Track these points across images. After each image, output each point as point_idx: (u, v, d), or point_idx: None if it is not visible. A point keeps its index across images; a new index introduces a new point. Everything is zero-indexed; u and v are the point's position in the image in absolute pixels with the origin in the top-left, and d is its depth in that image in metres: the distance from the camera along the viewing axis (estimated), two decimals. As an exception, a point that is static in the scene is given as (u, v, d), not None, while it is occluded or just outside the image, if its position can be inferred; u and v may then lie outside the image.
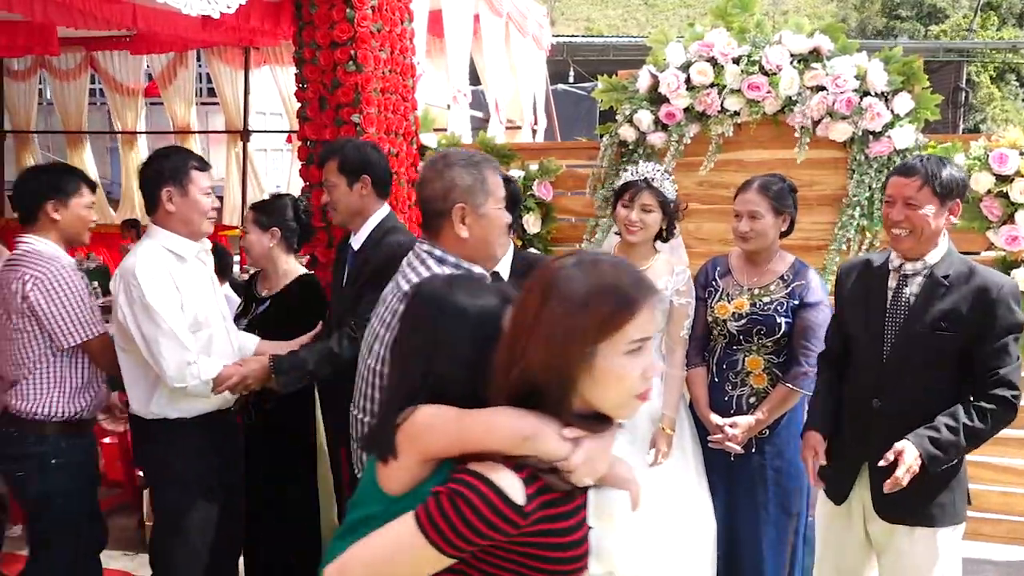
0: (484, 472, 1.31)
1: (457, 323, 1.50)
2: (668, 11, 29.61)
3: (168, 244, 2.64)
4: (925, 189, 2.28)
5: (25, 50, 6.02)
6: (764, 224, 2.79)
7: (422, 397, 1.47)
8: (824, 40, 3.52)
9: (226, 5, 2.98)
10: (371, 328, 2.13)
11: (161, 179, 2.64)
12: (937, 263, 2.32)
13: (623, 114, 3.78)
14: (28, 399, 2.71)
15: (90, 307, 2.75)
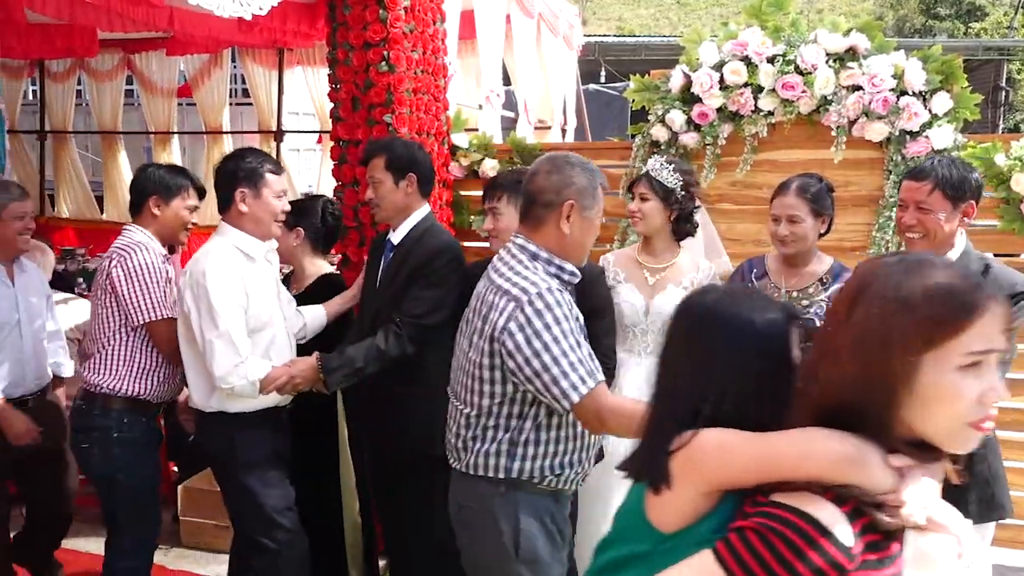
0: (801, 506, 1.12)
1: (742, 338, 1.34)
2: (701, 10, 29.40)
3: (238, 243, 2.73)
4: (936, 193, 2.31)
5: (65, 52, 6.11)
6: (804, 228, 2.75)
7: (701, 420, 1.31)
8: (861, 39, 3.47)
9: (258, 7, 3.00)
10: (468, 321, 2.20)
11: (236, 180, 2.73)
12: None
13: (655, 114, 3.76)
14: (98, 372, 2.85)
15: (164, 292, 2.86)
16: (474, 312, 2.18)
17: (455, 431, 2.21)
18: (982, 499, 2.36)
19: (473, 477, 2.15)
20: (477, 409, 2.13)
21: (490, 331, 2.06)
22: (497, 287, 2.10)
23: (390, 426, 2.87)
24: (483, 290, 2.18)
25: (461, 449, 2.17)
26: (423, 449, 2.88)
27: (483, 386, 2.11)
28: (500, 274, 2.13)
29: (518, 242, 2.16)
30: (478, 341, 2.11)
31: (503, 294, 2.07)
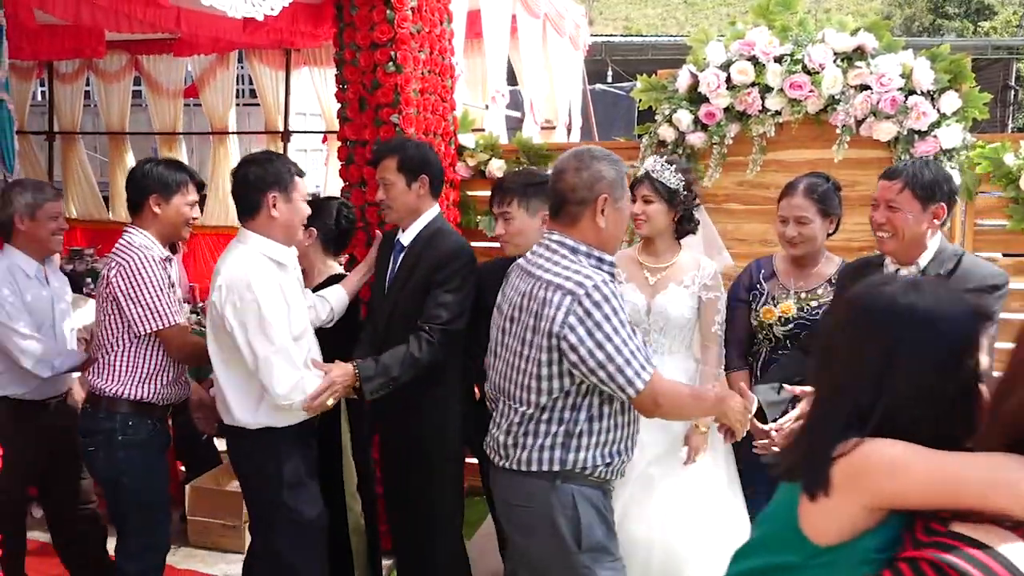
0: (988, 541, 1.02)
1: (925, 336, 1.20)
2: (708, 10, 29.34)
3: (267, 251, 2.61)
4: (906, 192, 2.35)
5: (73, 53, 6.14)
6: (812, 228, 2.75)
7: (871, 427, 1.20)
8: (868, 38, 3.46)
9: (270, 7, 3.00)
10: (514, 320, 2.20)
11: (266, 184, 2.61)
12: (928, 265, 2.40)
13: (662, 114, 3.76)
14: (102, 376, 2.81)
15: (168, 298, 2.79)
16: (521, 310, 2.17)
17: (505, 429, 2.20)
18: None
19: (525, 474, 2.15)
20: (534, 407, 2.13)
21: (547, 327, 2.06)
22: (547, 282, 2.11)
23: (409, 427, 2.88)
24: (527, 288, 2.17)
25: (511, 446, 2.17)
26: (441, 448, 2.89)
27: (542, 383, 2.11)
28: (544, 270, 2.15)
29: (554, 238, 2.18)
30: (533, 338, 2.11)
31: (555, 288, 2.08)
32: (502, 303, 2.31)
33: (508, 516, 2.24)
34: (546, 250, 2.19)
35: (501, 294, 2.34)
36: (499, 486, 2.26)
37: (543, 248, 2.21)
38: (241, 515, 3.88)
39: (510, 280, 2.32)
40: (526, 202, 2.75)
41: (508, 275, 2.36)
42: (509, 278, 2.34)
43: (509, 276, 2.35)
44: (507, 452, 2.19)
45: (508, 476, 2.20)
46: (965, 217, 3.51)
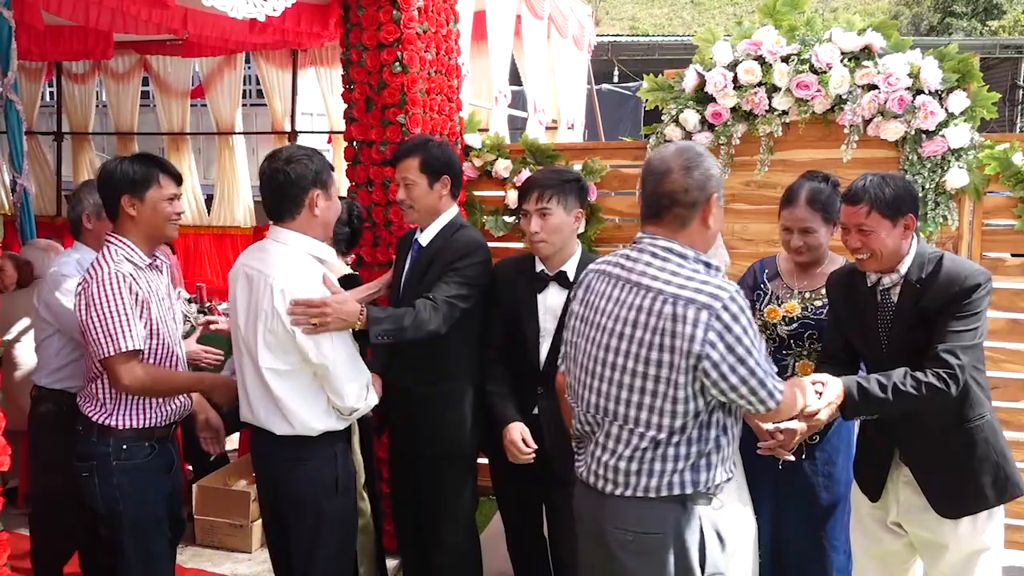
0: None
1: None
2: (715, 9, 29.29)
3: (311, 250, 2.54)
4: (873, 214, 2.36)
5: (82, 54, 6.17)
6: (817, 237, 2.74)
7: None
8: (876, 37, 3.45)
9: (272, 8, 3.01)
10: (604, 327, 2.04)
11: (307, 182, 2.49)
12: (909, 269, 2.42)
13: (669, 114, 3.75)
14: (89, 403, 2.61)
15: (124, 319, 2.47)
16: (635, 326, 1.97)
17: (625, 456, 2.01)
18: (996, 481, 2.39)
19: (652, 500, 2.00)
20: (667, 430, 1.97)
21: (684, 346, 1.90)
22: (672, 296, 1.93)
23: (421, 427, 2.88)
24: (637, 301, 1.98)
25: (635, 473, 2.00)
26: (451, 447, 2.88)
27: (678, 406, 1.94)
28: (657, 279, 1.97)
29: (660, 243, 2.01)
30: (661, 357, 1.93)
31: (687, 303, 1.91)
32: (589, 313, 2.10)
33: (621, 543, 2.03)
34: (651, 256, 2.01)
35: (582, 303, 2.14)
36: (609, 513, 2.05)
37: (645, 254, 2.03)
38: (248, 514, 3.89)
39: (593, 287, 2.12)
40: (564, 199, 2.73)
41: (584, 282, 2.18)
42: (588, 285, 2.15)
43: (586, 283, 2.16)
44: (628, 480, 2.01)
45: (627, 503, 2.02)
46: (973, 217, 3.50)
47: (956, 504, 2.41)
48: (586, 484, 2.11)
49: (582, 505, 2.16)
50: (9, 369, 3.86)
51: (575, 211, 2.75)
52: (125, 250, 2.57)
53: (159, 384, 2.57)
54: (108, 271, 2.50)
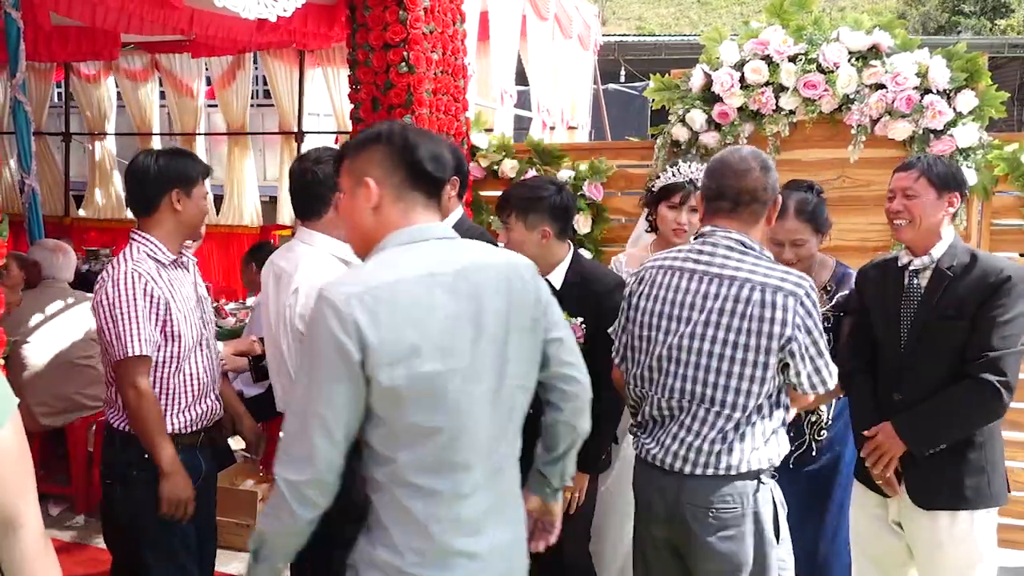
0: None
1: None
2: (721, 9, 29.23)
3: (335, 251, 2.52)
4: (922, 179, 2.41)
5: (90, 55, 6.20)
6: (809, 248, 2.74)
7: None
8: (884, 37, 3.44)
9: (283, 8, 3.01)
10: (687, 317, 2.15)
11: (334, 183, 2.35)
12: (942, 256, 2.43)
13: (676, 114, 3.74)
14: (112, 410, 2.52)
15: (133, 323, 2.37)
16: (722, 313, 2.10)
17: (710, 437, 2.12)
18: (978, 486, 2.39)
19: (732, 477, 2.12)
20: (748, 409, 2.11)
21: (776, 329, 2.05)
22: (759, 284, 2.08)
23: None
24: (720, 290, 2.11)
25: (719, 453, 2.12)
26: None
27: (762, 386, 2.09)
28: (739, 270, 2.11)
29: (733, 236, 2.15)
30: (749, 340, 2.07)
31: (775, 290, 2.06)
32: (664, 307, 2.19)
33: (703, 521, 2.13)
34: (728, 249, 2.15)
35: (651, 299, 2.23)
36: (689, 493, 2.14)
37: (720, 248, 2.16)
38: (255, 514, 3.90)
39: (661, 283, 2.22)
40: (524, 216, 2.72)
41: (645, 279, 2.26)
42: (653, 281, 2.24)
43: (650, 280, 2.25)
44: (712, 459, 2.12)
45: (709, 481, 2.13)
46: (981, 217, 3.48)
47: (929, 495, 2.41)
48: (659, 467, 2.19)
49: (650, 490, 2.24)
50: (17, 370, 3.87)
51: (540, 228, 2.69)
52: (149, 247, 2.47)
53: (141, 413, 2.40)
54: (124, 270, 2.42)
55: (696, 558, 2.18)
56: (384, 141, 1.69)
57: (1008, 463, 2.97)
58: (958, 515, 2.40)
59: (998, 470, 2.42)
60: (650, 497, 2.24)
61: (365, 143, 1.71)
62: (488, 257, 1.73)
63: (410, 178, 1.68)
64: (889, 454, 2.44)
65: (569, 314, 2.70)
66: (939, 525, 2.42)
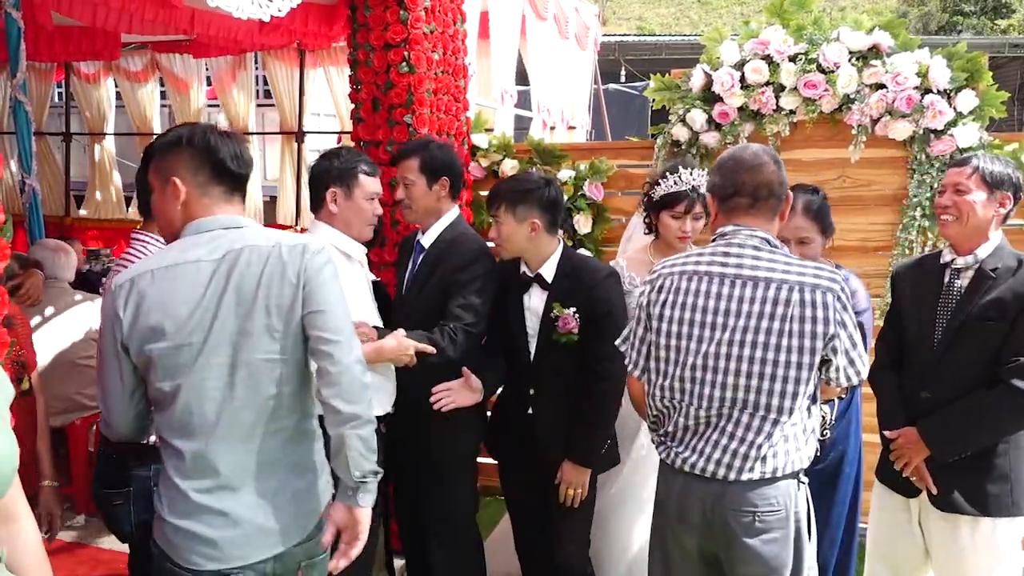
0: None
1: None
2: (722, 9, 29.23)
3: (336, 242, 2.64)
4: (975, 176, 2.38)
5: (90, 55, 6.21)
6: (814, 248, 2.73)
7: None
8: (884, 36, 3.44)
9: (277, 8, 3.01)
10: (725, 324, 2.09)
11: (326, 179, 2.66)
12: (987, 258, 2.38)
13: (676, 114, 3.74)
14: None
15: None
16: (760, 317, 2.06)
17: (753, 443, 2.08)
18: (1000, 495, 2.37)
19: (776, 479, 2.09)
20: (787, 412, 2.07)
21: (820, 329, 2.02)
22: (796, 284, 2.04)
23: (420, 429, 2.87)
24: (755, 293, 2.07)
25: (763, 458, 2.08)
26: (452, 453, 2.89)
27: (800, 387, 2.06)
28: (772, 271, 2.07)
29: (758, 235, 2.12)
30: (791, 342, 2.03)
31: (812, 288, 2.03)
32: (693, 315, 2.13)
33: (747, 526, 2.10)
34: (755, 249, 2.11)
35: (675, 306, 2.16)
36: (731, 499, 2.10)
37: (747, 248, 2.11)
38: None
39: (684, 289, 2.15)
40: (513, 208, 2.73)
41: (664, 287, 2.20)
42: (676, 288, 2.17)
43: (671, 287, 2.18)
44: (758, 464, 2.08)
45: (752, 486, 2.09)
46: (982, 217, 3.48)
47: (950, 500, 2.39)
48: (699, 476, 2.14)
49: (688, 499, 2.17)
50: (18, 369, 3.87)
51: (529, 220, 2.71)
52: (155, 247, 2.43)
53: None
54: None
55: (736, 562, 2.14)
56: (186, 144, 1.88)
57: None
58: (980, 522, 2.38)
59: (1022, 479, 2.39)
60: (687, 506, 2.18)
61: (170, 146, 1.90)
62: (260, 240, 1.89)
63: (214, 176, 1.89)
64: (910, 458, 2.43)
65: (561, 305, 2.72)
66: (960, 531, 2.40)
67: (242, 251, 1.85)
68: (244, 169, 1.93)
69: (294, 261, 1.87)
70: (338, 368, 1.85)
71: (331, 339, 1.86)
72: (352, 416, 1.86)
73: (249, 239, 1.88)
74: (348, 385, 1.85)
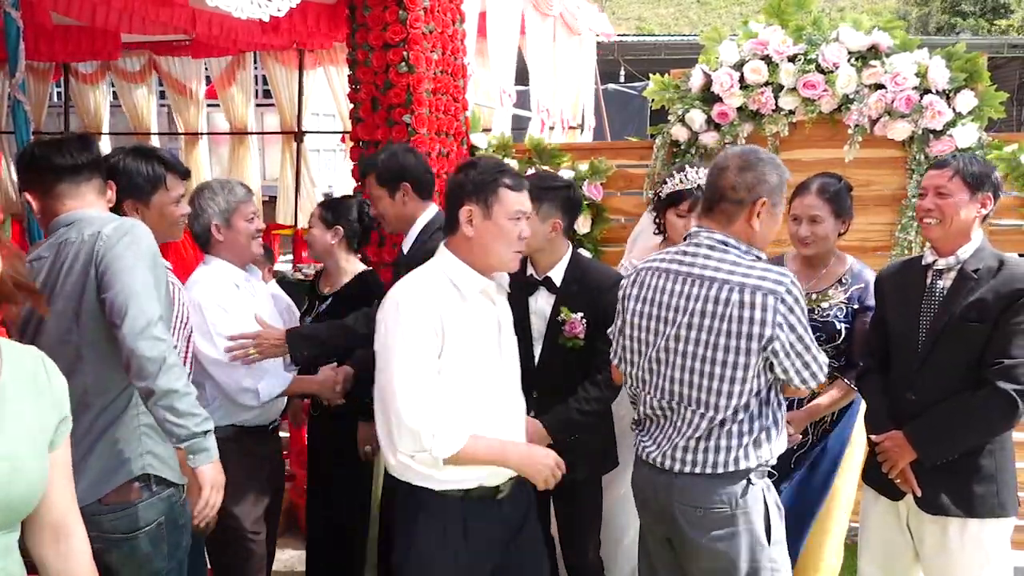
0: None
1: None
2: (721, 9, 29.23)
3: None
4: (956, 179, 2.39)
5: (90, 55, 6.19)
6: (825, 228, 2.74)
7: None
8: (883, 37, 3.44)
9: (276, 8, 3.01)
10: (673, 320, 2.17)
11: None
12: (968, 258, 2.40)
13: (675, 114, 3.75)
14: None
15: None
16: (703, 315, 2.11)
17: (692, 436, 2.15)
18: (985, 496, 2.37)
19: (720, 476, 2.13)
20: (731, 410, 2.11)
21: (755, 330, 2.04)
22: (738, 285, 2.07)
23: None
24: (703, 292, 2.12)
25: (703, 451, 2.14)
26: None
27: (743, 386, 2.09)
28: (719, 271, 2.11)
29: (715, 236, 2.15)
30: (728, 342, 2.07)
31: (753, 290, 2.05)
32: (652, 309, 2.21)
33: (692, 520, 2.16)
34: (709, 249, 2.15)
35: (642, 300, 2.25)
36: (677, 491, 2.18)
37: (703, 248, 2.16)
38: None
39: (650, 284, 2.23)
40: (538, 205, 2.72)
41: (638, 281, 2.28)
42: (643, 283, 2.26)
43: (641, 282, 2.27)
44: (696, 458, 2.14)
45: (696, 480, 2.15)
46: (981, 217, 3.49)
47: (938, 502, 2.39)
48: (653, 466, 2.23)
49: (647, 488, 2.27)
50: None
51: (552, 220, 2.71)
52: None
53: None
54: None
55: (688, 557, 2.20)
56: (28, 160, 2.15)
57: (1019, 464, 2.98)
58: (968, 523, 2.38)
59: (1008, 480, 2.40)
60: (647, 495, 2.27)
61: (20, 164, 2.18)
62: (73, 234, 2.07)
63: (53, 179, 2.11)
64: (896, 461, 2.43)
65: (569, 310, 2.71)
66: (949, 533, 2.40)
67: (63, 243, 2.06)
68: (70, 159, 2.11)
69: (99, 245, 2.02)
70: (125, 352, 1.96)
71: (116, 322, 1.97)
72: (148, 391, 1.96)
73: (72, 231, 2.07)
74: (136, 366, 1.95)
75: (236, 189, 2.83)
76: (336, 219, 3.18)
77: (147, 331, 1.96)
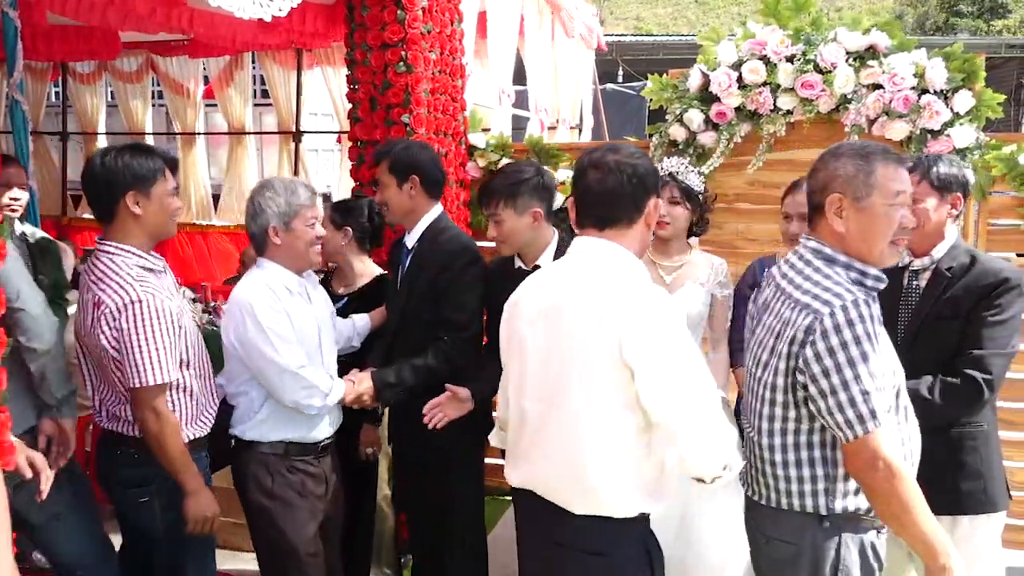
0: None
1: None
2: (719, 9, 29.24)
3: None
4: (923, 183, 2.40)
5: (88, 54, 6.19)
6: None
7: None
8: (881, 37, 3.45)
9: (278, 8, 3.01)
10: (756, 338, 2.01)
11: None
12: (942, 257, 2.43)
13: (673, 113, 3.75)
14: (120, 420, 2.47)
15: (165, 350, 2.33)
16: (763, 328, 1.97)
17: (752, 461, 2.02)
18: (972, 492, 2.38)
19: (786, 512, 1.93)
20: (779, 437, 1.91)
21: (786, 348, 1.84)
22: (795, 301, 1.86)
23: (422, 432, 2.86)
24: (772, 302, 1.97)
25: (762, 484, 1.98)
26: (456, 453, 2.88)
27: (775, 409, 1.90)
28: (794, 284, 1.90)
29: (811, 245, 1.95)
30: (770, 360, 1.90)
31: (802, 308, 1.83)
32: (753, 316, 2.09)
33: (763, 547, 2.03)
34: (799, 259, 1.96)
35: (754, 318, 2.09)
36: (755, 516, 2.07)
37: (796, 256, 1.98)
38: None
39: (764, 299, 2.05)
40: (512, 202, 2.71)
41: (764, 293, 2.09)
42: (762, 294, 2.09)
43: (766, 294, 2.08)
44: (757, 487, 2.02)
45: (766, 510, 2.00)
46: (978, 217, 3.49)
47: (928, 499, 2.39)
48: None
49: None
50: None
51: (530, 211, 2.70)
52: (132, 257, 2.36)
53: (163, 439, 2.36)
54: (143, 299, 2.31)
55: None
56: None
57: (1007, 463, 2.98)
58: (958, 521, 2.38)
59: (995, 475, 2.41)
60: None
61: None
62: None
63: None
64: None
65: None
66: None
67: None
68: None
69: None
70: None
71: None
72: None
73: None
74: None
75: (299, 191, 2.60)
76: (345, 220, 3.18)
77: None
